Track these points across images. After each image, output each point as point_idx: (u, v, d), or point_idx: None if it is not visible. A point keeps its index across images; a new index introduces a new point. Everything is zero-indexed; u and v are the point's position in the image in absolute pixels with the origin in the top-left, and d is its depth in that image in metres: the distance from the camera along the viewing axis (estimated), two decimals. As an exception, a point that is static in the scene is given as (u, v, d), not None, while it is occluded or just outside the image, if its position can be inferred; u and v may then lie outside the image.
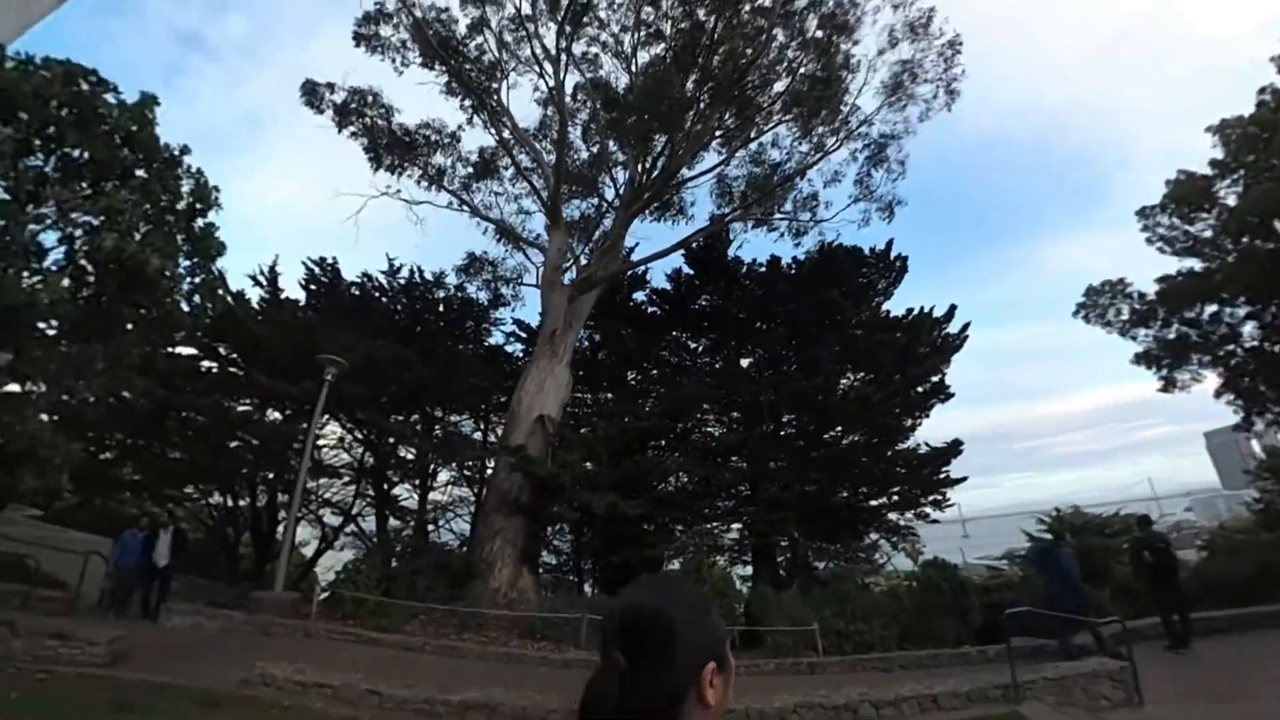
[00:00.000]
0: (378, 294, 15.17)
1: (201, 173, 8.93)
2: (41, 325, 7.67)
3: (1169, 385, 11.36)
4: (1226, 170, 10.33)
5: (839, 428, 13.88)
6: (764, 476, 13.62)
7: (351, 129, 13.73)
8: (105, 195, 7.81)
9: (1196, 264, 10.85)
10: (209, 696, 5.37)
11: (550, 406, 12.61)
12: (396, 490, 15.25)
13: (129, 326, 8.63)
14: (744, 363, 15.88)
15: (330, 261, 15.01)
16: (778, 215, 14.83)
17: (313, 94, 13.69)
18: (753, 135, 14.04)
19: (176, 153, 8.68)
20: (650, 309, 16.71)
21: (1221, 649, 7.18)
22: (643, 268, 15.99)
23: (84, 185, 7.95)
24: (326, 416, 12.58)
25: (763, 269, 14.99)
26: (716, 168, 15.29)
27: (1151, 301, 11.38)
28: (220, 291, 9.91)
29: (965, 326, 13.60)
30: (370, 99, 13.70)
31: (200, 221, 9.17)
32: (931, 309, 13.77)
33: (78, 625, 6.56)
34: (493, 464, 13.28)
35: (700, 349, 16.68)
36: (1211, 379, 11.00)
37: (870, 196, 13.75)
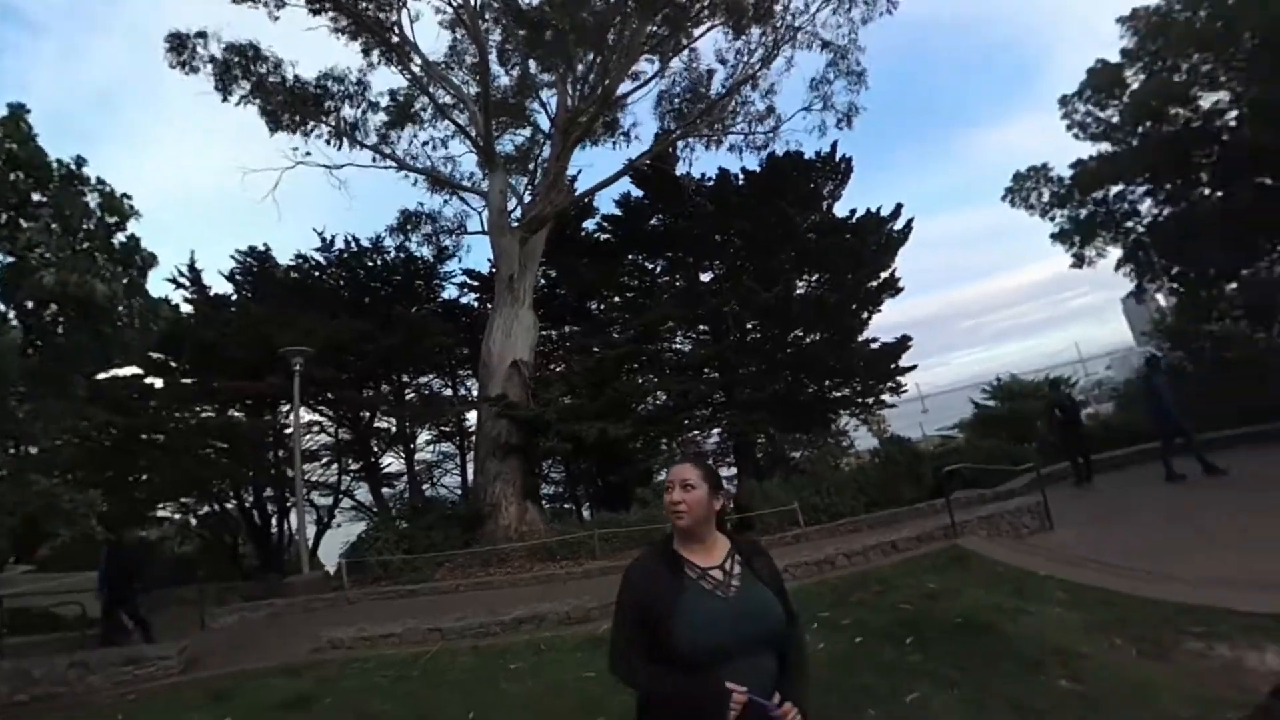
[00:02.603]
0: (317, 272, 15.31)
1: (104, 183, 8.81)
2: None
3: (1079, 261, 13.43)
4: (1133, 59, 11.65)
5: (801, 330, 15.46)
6: (737, 383, 15.28)
7: (240, 91, 12.93)
8: (16, 227, 7.83)
9: (1107, 147, 12.43)
10: (289, 668, 6.22)
11: (521, 351, 13.53)
12: (384, 459, 16.42)
13: (83, 361, 8.88)
14: (704, 278, 16.98)
15: (262, 249, 14.89)
16: (732, 131, 15.17)
17: (181, 49, 12.67)
18: (684, 42, 13.99)
19: (73, 166, 8.52)
20: (603, 236, 17.34)
21: (1115, 481, 9.24)
22: (591, 197, 16.33)
23: (-14, 221, 7.86)
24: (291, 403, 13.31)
25: (712, 184, 15.63)
26: (652, 80, 15.33)
27: (1068, 184, 13.10)
28: (161, 303, 10.08)
29: (909, 222, 15.04)
30: (252, 53, 12.74)
31: (121, 236, 9.19)
32: (879, 209, 15.00)
33: (146, 648, 7.21)
34: (475, 416, 14.37)
35: (659, 270, 17.66)
36: (1114, 253, 13.12)
37: (828, 105, 14.24)
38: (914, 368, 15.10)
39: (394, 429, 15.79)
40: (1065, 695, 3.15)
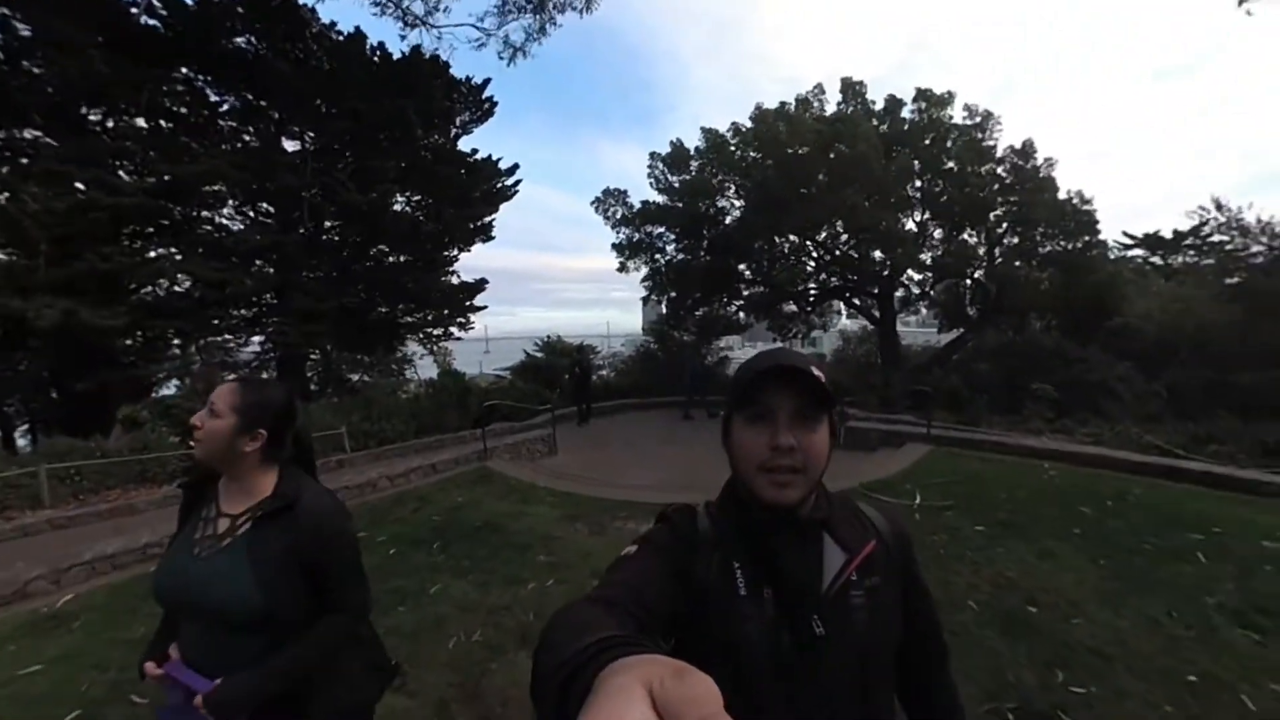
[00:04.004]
0: None
1: None
2: None
3: (623, 268, 18.34)
4: (700, 155, 16.76)
5: (387, 246, 14.59)
6: (296, 286, 13.27)
7: None
8: None
9: (665, 200, 17.42)
10: None
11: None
12: None
13: None
14: (288, 146, 13.80)
15: None
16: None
17: None
18: None
19: None
20: (151, 22, 11.55)
21: (605, 422, 12.95)
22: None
23: None
24: None
25: (342, 39, 12.77)
26: None
27: (634, 213, 17.65)
28: None
29: (518, 182, 16.08)
30: None
31: None
32: (499, 160, 15.45)
33: None
34: None
35: (226, 109, 13.15)
36: (645, 270, 18.32)
37: (502, 25, 13.06)
38: (485, 308, 16.48)
39: None
40: (542, 566, 4.41)
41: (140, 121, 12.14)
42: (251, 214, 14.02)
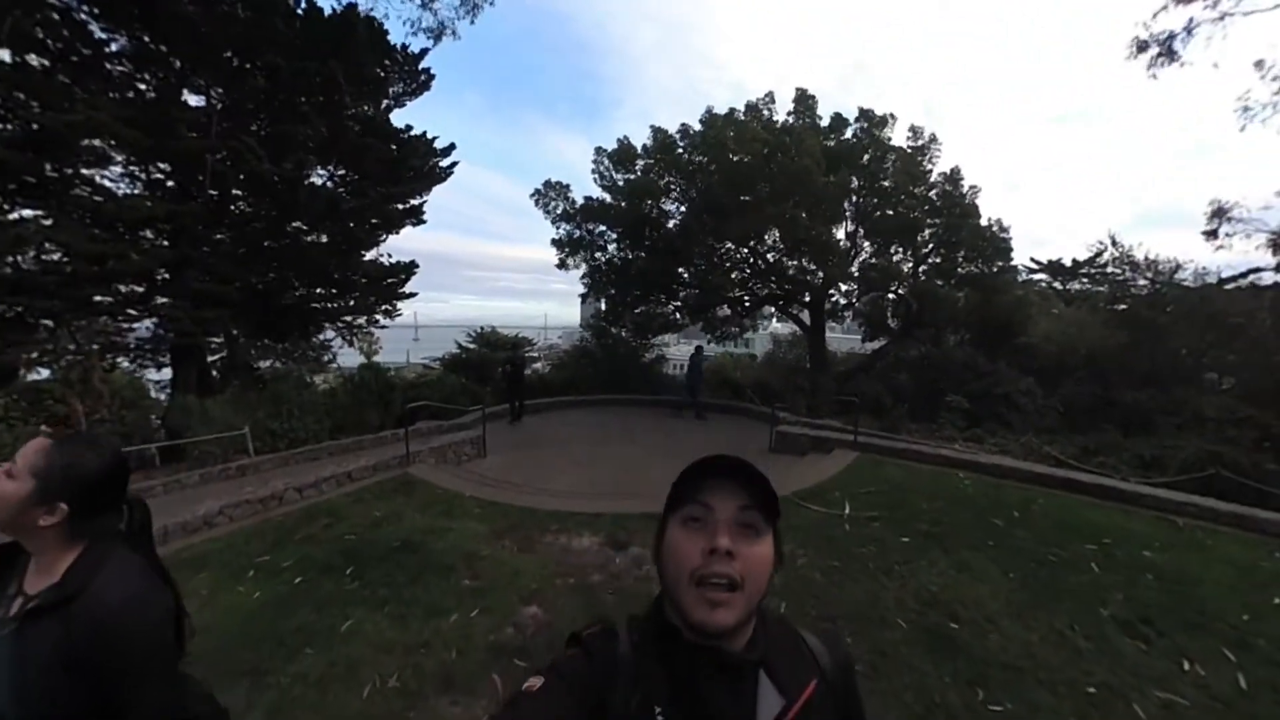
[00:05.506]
0: None
1: None
2: None
3: (563, 264, 17.87)
4: (647, 154, 16.61)
5: (305, 223, 13.45)
6: (194, 263, 11.98)
7: None
8: None
9: (609, 198, 17.10)
10: None
11: None
12: None
13: None
14: (192, 101, 12.33)
15: None
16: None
17: None
18: None
19: None
20: None
21: (539, 420, 12.59)
22: None
23: None
24: None
25: None
26: None
27: (577, 209, 17.36)
28: None
29: (454, 164, 15.13)
30: None
31: None
32: (435, 138, 14.49)
33: None
34: None
35: (114, 49, 11.43)
36: (585, 267, 17.87)
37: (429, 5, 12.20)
38: (415, 295, 15.55)
39: None
40: (466, 591, 4.13)
41: (3, 54, 10.45)
42: (144, 177, 12.49)
